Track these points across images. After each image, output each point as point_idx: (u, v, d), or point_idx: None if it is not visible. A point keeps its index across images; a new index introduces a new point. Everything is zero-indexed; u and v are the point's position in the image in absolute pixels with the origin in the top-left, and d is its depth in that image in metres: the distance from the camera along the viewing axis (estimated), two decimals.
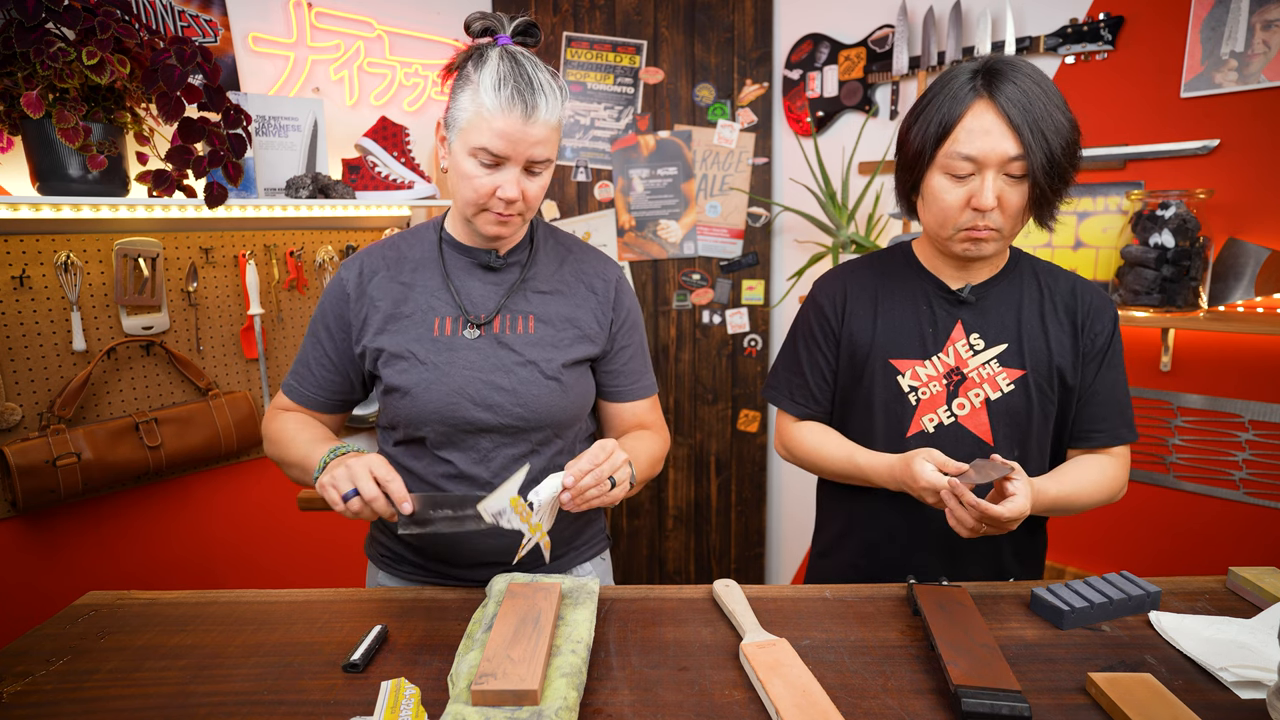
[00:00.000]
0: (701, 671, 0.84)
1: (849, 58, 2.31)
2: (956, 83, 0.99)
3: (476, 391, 1.03)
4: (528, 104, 0.93)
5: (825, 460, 1.15)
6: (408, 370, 1.04)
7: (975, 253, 1.04)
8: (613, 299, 1.12)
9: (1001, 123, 0.96)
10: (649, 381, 1.17)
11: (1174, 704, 0.73)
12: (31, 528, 1.64)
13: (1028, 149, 0.95)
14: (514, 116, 0.93)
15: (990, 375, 1.08)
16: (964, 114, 0.98)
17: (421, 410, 1.03)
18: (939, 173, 1.01)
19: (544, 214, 2.57)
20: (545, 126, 0.95)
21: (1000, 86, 0.96)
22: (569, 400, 1.07)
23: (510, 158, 0.95)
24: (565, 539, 1.15)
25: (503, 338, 1.06)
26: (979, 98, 0.97)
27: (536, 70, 0.96)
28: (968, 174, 0.99)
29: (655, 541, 2.76)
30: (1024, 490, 0.92)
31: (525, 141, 0.94)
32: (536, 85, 0.94)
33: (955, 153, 0.98)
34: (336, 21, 2.10)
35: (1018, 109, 0.95)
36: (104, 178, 1.53)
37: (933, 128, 1.00)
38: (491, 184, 0.97)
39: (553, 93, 0.96)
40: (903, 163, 1.09)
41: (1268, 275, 1.61)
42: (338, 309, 1.09)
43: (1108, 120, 1.85)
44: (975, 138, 0.97)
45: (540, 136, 0.95)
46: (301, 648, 0.91)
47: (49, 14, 1.38)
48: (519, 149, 0.95)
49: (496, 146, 0.94)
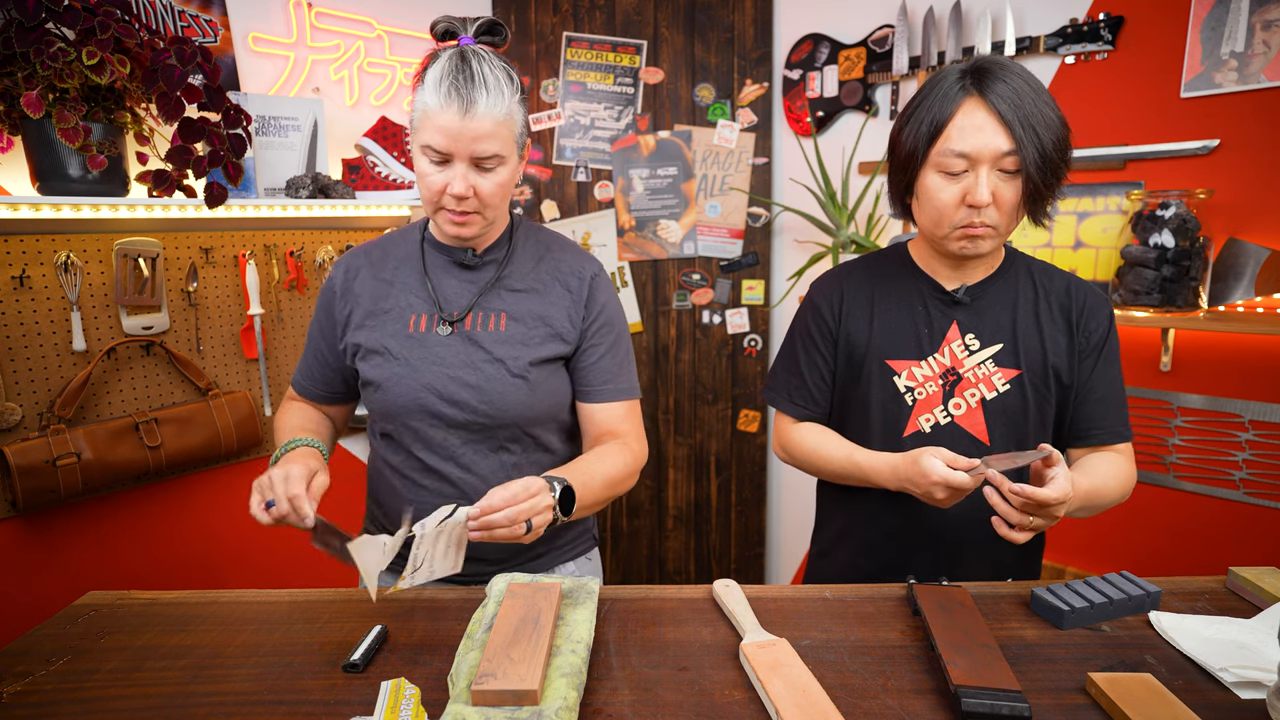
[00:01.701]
0: (701, 671, 0.84)
1: (849, 58, 2.31)
2: (946, 83, 1.00)
3: (444, 387, 1.05)
4: (464, 99, 0.94)
5: (824, 460, 1.15)
6: (381, 365, 1.07)
7: (972, 250, 1.04)
8: (586, 296, 1.12)
9: (993, 119, 0.97)
10: (624, 385, 1.14)
11: (1174, 704, 0.73)
12: (31, 528, 1.64)
13: (1020, 144, 0.96)
14: (452, 112, 0.94)
15: (986, 375, 1.08)
16: (955, 112, 0.99)
17: (392, 404, 1.06)
18: (932, 171, 1.02)
19: (544, 214, 2.57)
20: (488, 120, 0.95)
21: (990, 84, 0.97)
22: (536, 399, 1.07)
23: (454, 153, 0.96)
24: (546, 538, 1.15)
25: (473, 335, 1.07)
26: (969, 96, 0.98)
27: (484, 66, 0.96)
28: (961, 171, 0.99)
29: (655, 541, 2.76)
30: (1063, 471, 0.91)
31: (465, 136, 0.95)
32: (478, 81, 0.94)
33: (948, 150, 0.99)
34: (336, 21, 2.10)
35: (1008, 105, 0.96)
36: (104, 178, 1.53)
37: (924, 127, 1.01)
38: (441, 181, 0.98)
39: (497, 88, 0.96)
40: (895, 165, 1.09)
41: (1268, 275, 1.61)
42: (327, 305, 1.14)
43: (1108, 120, 1.85)
44: (967, 134, 0.98)
45: (482, 131, 0.95)
46: (301, 648, 0.91)
47: (49, 14, 1.38)
48: (460, 144, 0.96)
49: (438, 143, 0.96)
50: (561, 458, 1.15)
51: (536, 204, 2.57)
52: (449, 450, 1.07)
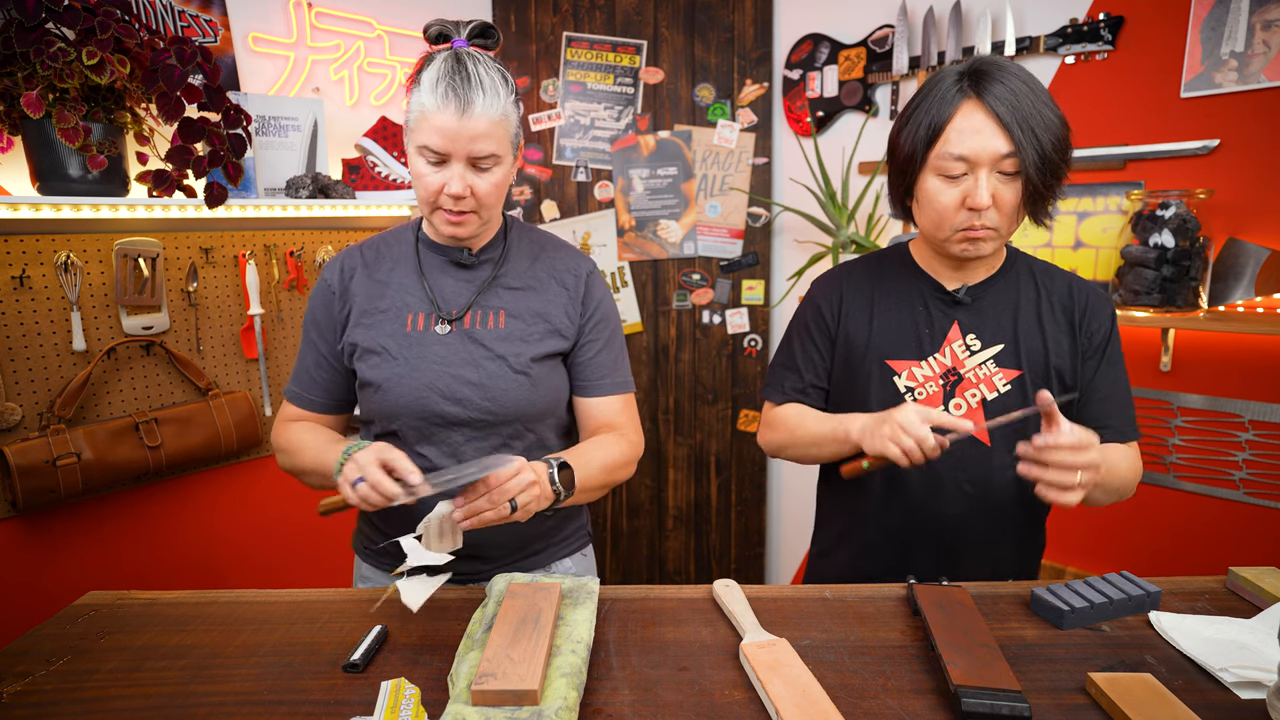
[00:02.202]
0: (701, 671, 0.84)
1: (849, 58, 2.31)
2: (943, 85, 1.00)
3: (446, 386, 1.05)
4: (461, 99, 0.94)
5: (803, 430, 1.13)
6: (379, 365, 1.06)
7: (974, 252, 1.04)
8: (583, 293, 1.13)
9: (991, 121, 0.97)
10: (620, 380, 1.16)
11: (1174, 704, 0.73)
12: (31, 528, 1.64)
13: (1019, 145, 0.96)
14: (449, 112, 0.95)
15: (986, 376, 1.08)
16: (953, 115, 0.98)
17: (393, 405, 1.06)
18: (932, 175, 1.02)
19: (544, 214, 2.57)
20: (485, 121, 0.96)
21: (988, 86, 0.97)
22: (538, 394, 1.08)
23: (451, 154, 0.97)
24: (543, 533, 1.15)
25: (473, 333, 1.07)
26: (967, 98, 0.98)
27: (479, 68, 0.97)
28: (960, 174, 0.99)
29: (655, 541, 2.76)
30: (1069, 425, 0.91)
31: (463, 137, 0.96)
32: (474, 81, 0.95)
33: (947, 153, 0.99)
34: (336, 21, 2.10)
35: (1006, 107, 0.96)
36: (104, 178, 1.53)
37: (922, 130, 1.01)
38: (438, 181, 0.98)
39: (493, 89, 0.97)
40: (895, 168, 1.09)
41: (1268, 275, 1.61)
42: (325, 308, 1.12)
43: (1108, 120, 1.85)
44: (966, 137, 0.97)
45: (479, 131, 0.96)
46: (301, 648, 0.91)
47: (49, 14, 1.38)
48: (457, 145, 0.96)
49: (435, 143, 0.96)
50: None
51: (536, 204, 2.57)
52: (450, 448, 1.07)
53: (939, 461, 1.09)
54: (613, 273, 2.60)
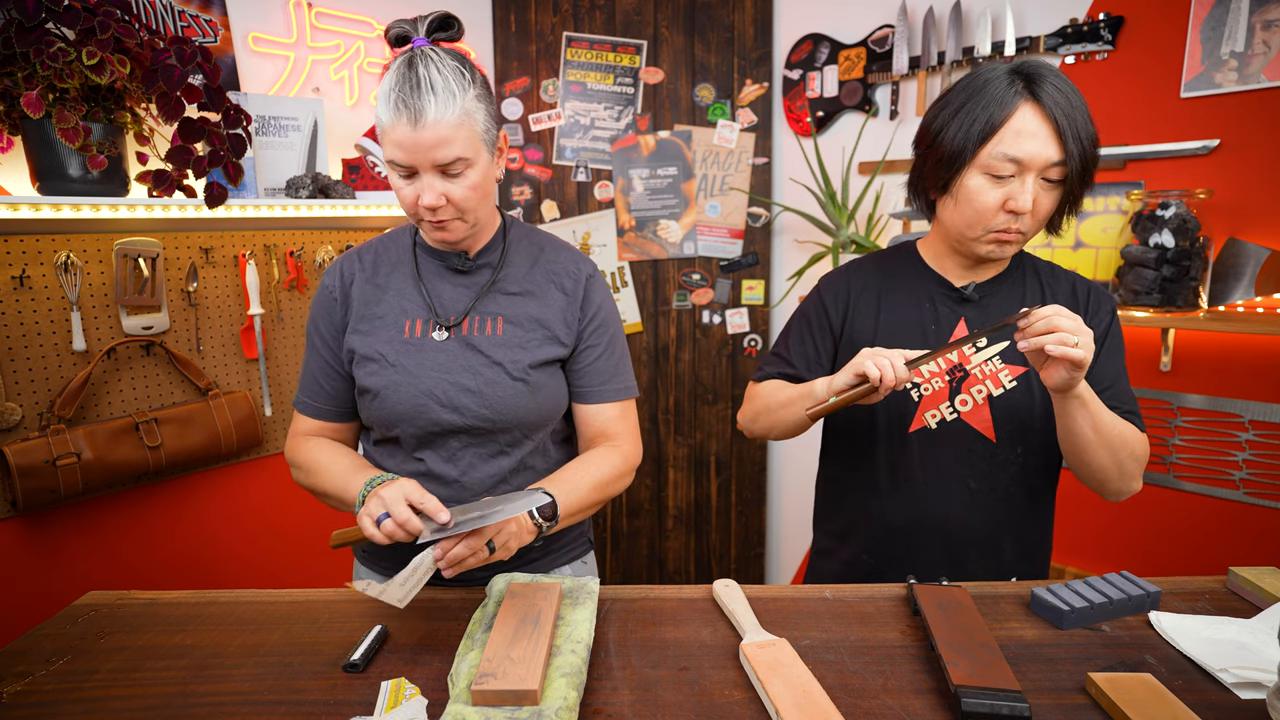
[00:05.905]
0: (701, 671, 0.84)
1: (849, 58, 2.31)
2: (998, 84, 0.99)
3: (444, 393, 1.04)
4: (413, 109, 0.91)
5: (777, 398, 1.13)
6: (377, 372, 1.05)
7: (999, 254, 1.04)
8: (581, 298, 1.11)
9: (1047, 127, 0.96)
10: (621, 385, 1.14)
11: (1174, 704, 0.73)
12: (31, 528, 1.64)
13: (1069, 155, 0.96)
14: (403, 125, 0.91)
15: (993, 372, 1.08)
16: (1011, 115, 0.97)
17: (391, 412, 1.05)
18: (978, 173, 1.01)
19: (544, 214, 2.57)
20: (443, 126, 0.92)
21: (1044, 90, 0.97)
22: (536, 401, 1.07)
23: (416, 165, 0.94)
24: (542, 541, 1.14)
25: (471, 339, 1.06)
26: (1025, 100, 0.97)
27: (430, 70, 0.92)
28: (1008, 175, 0.99)
29: (655, 541, 2.76)
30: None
31: (421, 147, 0.92)
32: (425, 87, 0.91)
33: (1000, 154, 0.98)
34: (336, 21, 2.10)
35: (1062, 114, 0.96)
36: (104, 178, 1.53)
37: (977, 126, 0.99)
38: (413, 194, 0.96)
39: (446, 91, 0.92)
40: (933, 161, 1.05)
41: (1268, 275, 1.61)
42: (329, 314, 1.11)
43: (1108, 120, 1.85)
44: (1022, 140, 0.97)
45: (437, 138, 0.92)
46: (301, 648, 0.91)
47: (49, 14, 1.38)
48: (418, 156, 0.93)
49: (398, 157, 0.94)
50: (557, 460, 1.14)
51: (536, 204, 2.57)
52: (448, 455, 1.06)
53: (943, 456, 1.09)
54: (613, 273, 2.60)
